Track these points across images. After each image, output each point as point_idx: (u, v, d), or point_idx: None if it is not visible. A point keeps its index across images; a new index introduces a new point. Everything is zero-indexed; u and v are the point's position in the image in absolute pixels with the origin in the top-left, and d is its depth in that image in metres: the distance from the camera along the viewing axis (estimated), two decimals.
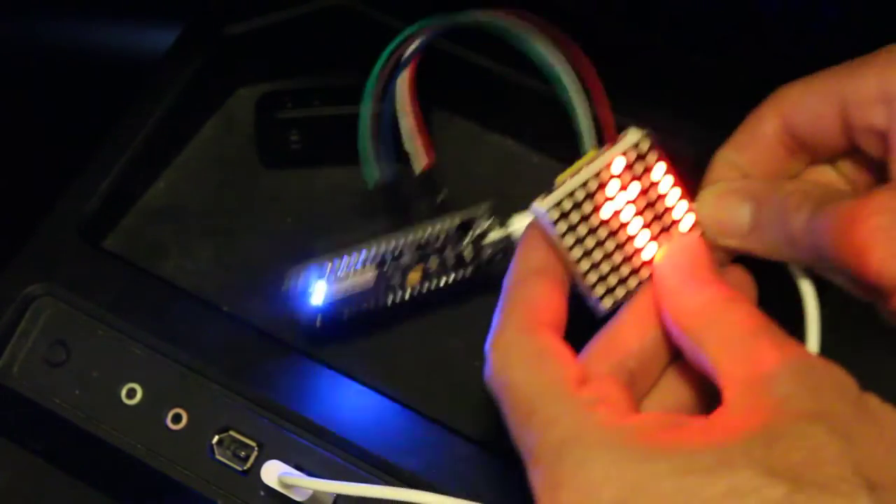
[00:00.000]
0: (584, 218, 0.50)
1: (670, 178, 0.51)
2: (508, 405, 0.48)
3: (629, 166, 0.51)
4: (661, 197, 0.51)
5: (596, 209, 0.50)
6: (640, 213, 0.51)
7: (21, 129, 0.76)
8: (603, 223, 0.51)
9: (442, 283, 0.64)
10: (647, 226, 0.51)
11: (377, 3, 0.71)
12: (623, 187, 0.51)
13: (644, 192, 0.51)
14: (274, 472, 0.60)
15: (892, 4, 0.62)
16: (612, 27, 0.67)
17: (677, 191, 0.52)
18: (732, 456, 0.43)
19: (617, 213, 0.51)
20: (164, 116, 0.70)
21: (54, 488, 0.66)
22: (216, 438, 0.62)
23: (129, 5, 0.78)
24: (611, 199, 0.50)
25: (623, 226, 0.51)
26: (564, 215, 0.50)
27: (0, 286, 0.66)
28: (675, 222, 0.52)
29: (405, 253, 0.63)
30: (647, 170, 0.51)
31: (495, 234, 0.63)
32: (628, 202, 0.51)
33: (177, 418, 0.63)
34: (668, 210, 0.52)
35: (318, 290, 0.63)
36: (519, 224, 0.62)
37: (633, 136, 0.51)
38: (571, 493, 0.44)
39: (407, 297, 0.64)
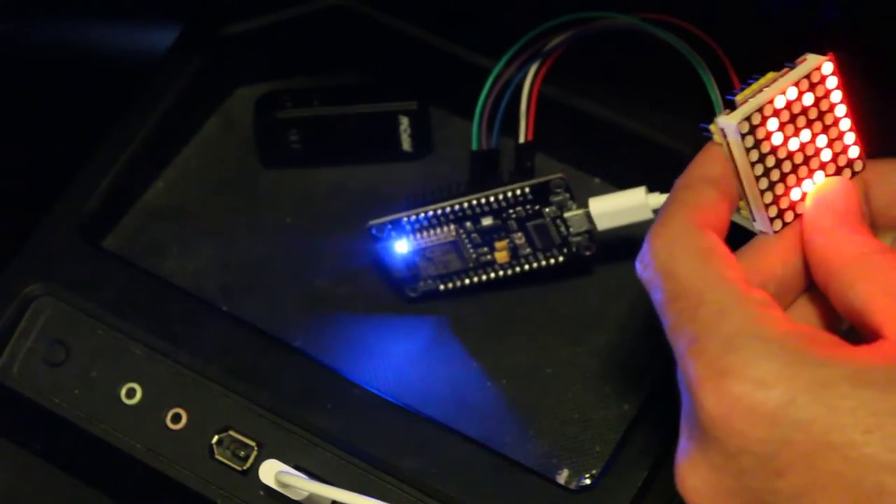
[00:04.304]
0: (768, 136, 0.50)
1: (844, 107, 0.52)
2: (671, 294, 0.48)
3: (811, 88, 0.51)
4: (835, 122, 0.52)
5: (780, 128, 0.51)
6: (814, 137, 0.52)
7: (21, 129, 0.76)
8: (784, 142, 0.51)
9: (535, 265, 0.66)
10: (819, 151, 0.52)
11: (377, 3, 0.71)
12: (804, 110, 0.51)
13: (820, 116, 0.51)
14: (272, 472, 0.60)
15: (892, 4, 0.62)
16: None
17: (848, 121, 0.52)
18: None
19: (797, 132, 0.51)
20: (164, 116, 0.70)
21: (54, 488, 0.66)
22: (216, 438, 0.62)
23: (129, 5, 0.78)
24: (793, 119, 0.51)
25: (801, 148, 0.51)
26: (752, 130, 0.50)
27: (0, 286, 0.67)
28: (843, 151, 0.52)
29: (483, 213, 0.64)
30: (826, 95, 0.51)
31: (574, 212, 0.64)
32: (808, 124, 0.51)
33: (176, 418, 0.63)
34: (838, 138, 0.52)
35: (401, 242, 0.65)
36: (595, 206, 0.63)
37: (815, 59, 0.51)
38: (742, 383, 0.45)
39: (501, 275, 0.66)
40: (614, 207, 0.63)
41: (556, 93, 0.67)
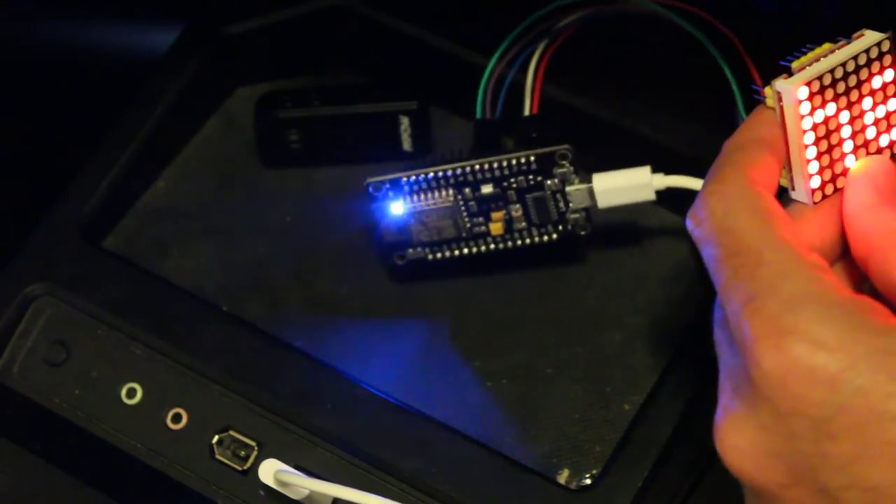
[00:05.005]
0: (823, 104, 0.50)
1: (894, 87, 0.52)
2: (728, 250, 0.48)
3: (868, 64, 0.51)
4: (883, 101, 0.52)
5: (834, 98, 0.50)
6: (863, 114, 0.51)
7: (21, 129, 0.76)
8: (836, 114, 0.51)
9: (528, 241, 0.65)
10: (865, 128, 0.52)
11: (377, 3, 0.71)
12: (858, 84, 0.51)
13: (872, 93, 0.51)
14: (272, 471, 0.60)
15: (892, 4, 0.62)
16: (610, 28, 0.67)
17: (895, 101, 0.52)
18: None
19: (850, 106, 0.51)
20: (164, 116, 0.70)
21: (54, 488, 0.66)
22: (216, 438, 0.62)
23: (129, 5, 0.78)
24: (847, 92, 0.51)
25: (850, 122, 0.51)
26: (808, 97, 0.50)
27: (0, 286, 0.67)
28: (887, 130, 0.52)
29: (484, 180, 0.64)
30: (880, 72, 0.51)
31: (576, 186, 0.64)
32: (860, 99, 0.51)
33: (177, 418, 0.63)
34: (885, 117, 0.52)
35: (397, 203, 0.65)
36: (598, 181, 0.63)
37: (873, 36, 0.51)
38: (802, 344, 0.45)
39: (492, 248, 0.65)
40: (617, 184, 0.63)
41: (560, 93, 0.67)
